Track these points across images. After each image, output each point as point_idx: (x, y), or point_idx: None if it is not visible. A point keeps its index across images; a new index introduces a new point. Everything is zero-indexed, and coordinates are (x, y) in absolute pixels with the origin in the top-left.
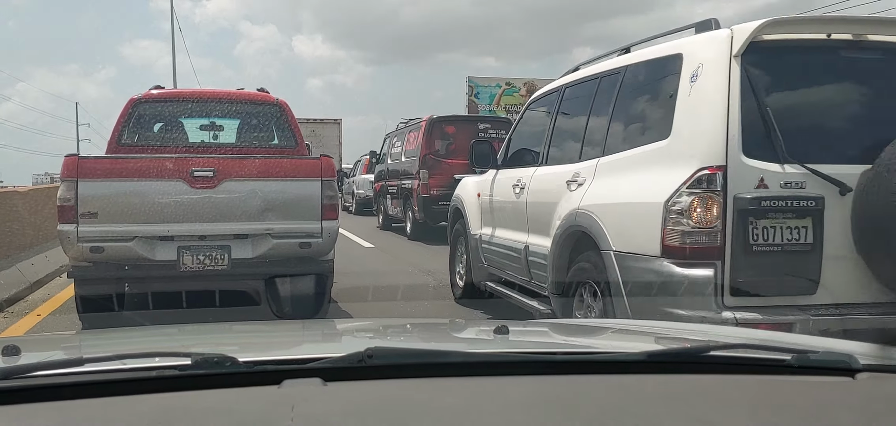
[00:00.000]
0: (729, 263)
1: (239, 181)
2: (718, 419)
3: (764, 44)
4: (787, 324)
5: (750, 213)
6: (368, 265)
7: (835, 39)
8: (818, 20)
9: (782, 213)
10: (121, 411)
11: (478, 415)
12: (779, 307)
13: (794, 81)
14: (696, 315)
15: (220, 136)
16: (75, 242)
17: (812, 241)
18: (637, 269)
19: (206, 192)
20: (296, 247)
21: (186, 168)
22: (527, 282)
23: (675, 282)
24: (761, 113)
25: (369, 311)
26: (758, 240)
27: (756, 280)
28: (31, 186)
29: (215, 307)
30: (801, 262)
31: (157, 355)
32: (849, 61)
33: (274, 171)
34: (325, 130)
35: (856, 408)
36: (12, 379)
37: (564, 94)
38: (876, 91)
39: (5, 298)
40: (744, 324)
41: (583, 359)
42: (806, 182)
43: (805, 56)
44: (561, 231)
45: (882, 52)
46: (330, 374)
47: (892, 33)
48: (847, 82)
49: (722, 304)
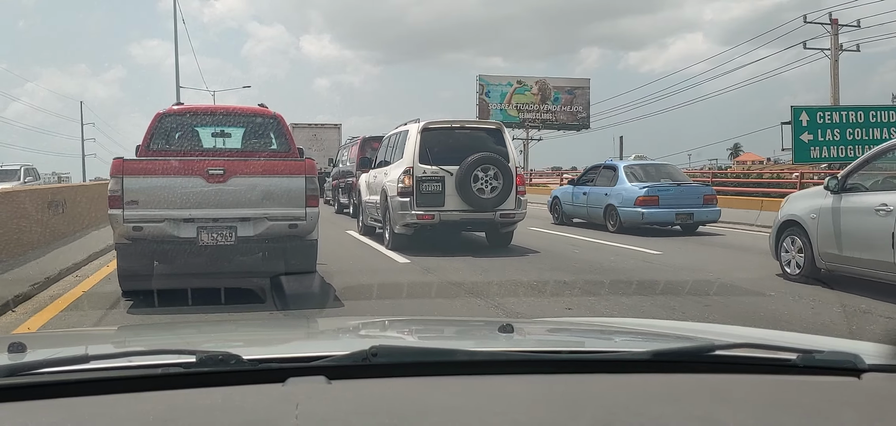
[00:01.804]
0: (415, 198)
1: (243, 177)
2: (723, 418)
3: (427, 127)
4: (432, 213)
5: (421, 181)
6: (323, 230)
7: (452, 126)
8: (446, 121)
9: (431, 180)
10: (126, 408)
11: (482, 413)
12: (430, 208)
13: (436, 139)
14: (406, 213)
15: (227, 142)
16: (122, 223)
17: (441, 190)
18: (393, 199)
19: (218, 186)
20: (286, 228)
21: (203, 167)
22: (378, 220)
23: (403, 202)
24: (425, 149)
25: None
26: (424, 189)
27: (425, 202)
28: (41, 185)
29: (224, 275)
30: (438, 197)
31: (162, 353)
32: (456, 132)
33: (270, 170)
34: (326, 134)
35: (861, 407)
36: (19, 375)
37: (385, 139)
38: (464, 141)
39: (14, 296)
40: (420, 217)
41: (588, 358)
42: (439, 171)
43: (439, 131)
44: (381, 193)
45: (469, 129)
46: (334, 372)
47: (474, 124)
48: (453, 139)
49: (414, 206)
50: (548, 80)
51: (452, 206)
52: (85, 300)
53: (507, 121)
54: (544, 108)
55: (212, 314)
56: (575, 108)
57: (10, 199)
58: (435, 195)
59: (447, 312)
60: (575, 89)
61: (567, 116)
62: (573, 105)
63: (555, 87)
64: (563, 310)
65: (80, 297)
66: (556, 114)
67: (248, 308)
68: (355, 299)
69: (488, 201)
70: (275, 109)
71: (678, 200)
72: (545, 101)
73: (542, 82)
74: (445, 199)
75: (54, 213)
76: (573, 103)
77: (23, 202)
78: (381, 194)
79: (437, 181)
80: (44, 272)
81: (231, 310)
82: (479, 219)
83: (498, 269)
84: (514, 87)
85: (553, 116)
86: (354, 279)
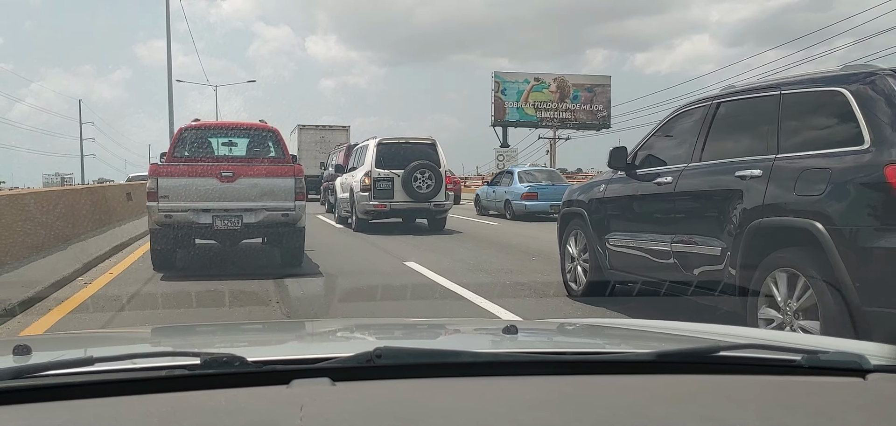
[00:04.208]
0: (373, 193)
1: (248, 178)
2: (728, 420)
3: (382, 142)
4: (384, 203)
5: (377, 180)
6: (313, 222)
7: (400, 142)
8: (395, 138)
9: (383, 180)
10: (130, 411)
11: (487, 415)
12: (383, 199)
13: (388, 150)
14: (366, 203)
15: (234, 151)
16: (157, 212)
17: (392, 187)
18: (357, 193)
19: (228, 184)
20: (280, 217)
21: (217, 170)
22: (348, 211)
23: (364, 195)
24: (380, 157)
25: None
26: (378, 187)
27: (379, 195)
28: (42, 187)
29: (231, 249)
30: (389, 192)
31: (166, 355)
32: (402, 145)
33: (268, 172)
34: (334, 135)
35: (867, 408)
36: (23, 378)
37: (354, 149)
38: (408, 152)
39: (21, 300)
40: (375, 206)
41: (592, 359)
42: (389, 173)
43: (391, 145)
44: (349, 191)
45: (412, 143)
46: (339, 374)
47: (416, 139)
48: (400, 150)
49: (371, 198)
50: (566, 77)
51: (399, 199)
52: (90, 303)
53: (524, 119)
54: (563, 106)
55: (216, 315)
56: (595, 107)
57: (14, 203)
58: (387, 190)
59: (367, 261)
60: (595, 87)
61: (586, 115)
62: (593, 103)
63: (574, 85)
64: (459, 263)
65: (88, 299)
66: (575, 112)
67: (252, 309)
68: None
69: (424, 195)
70: (280, 110)
71: (553, 195)
72: (564, 99)
73: (561, 79)
74: (394, 193)
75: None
76: (593, 102)
77: (27, 204)
78: (349, 191)
79: (389, 181)
80: (56, 273)
81: (236, 312)
82: (419, 208)
83: (408, 239)
84: (532, 84)
85: (572, 115)
86: (334, 250)
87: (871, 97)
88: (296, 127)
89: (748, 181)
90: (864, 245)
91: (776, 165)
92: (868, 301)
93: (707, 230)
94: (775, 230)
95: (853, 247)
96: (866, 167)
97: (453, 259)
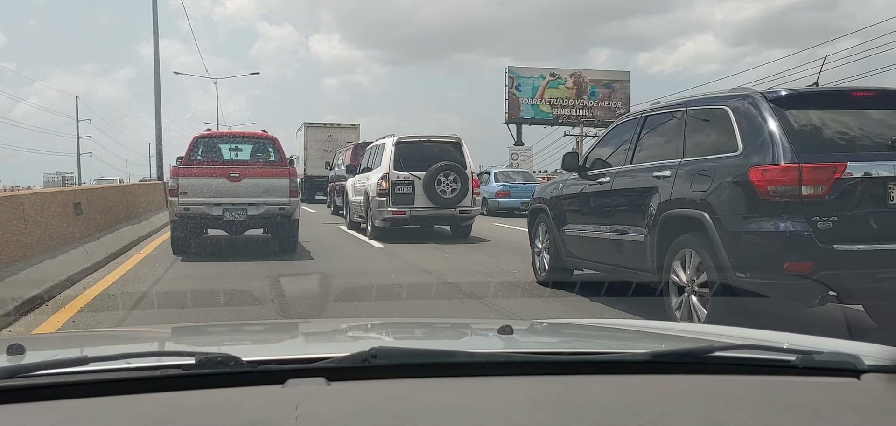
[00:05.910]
0: (391, 197)
1: (251, 178)
2: (723, 419)
3: (400, 141)
4: (404, 210)
5: (395, 184)
6: (318, 226)
7: (420, 140)
8: (415, 136)
9: (402, 184)
10: (125, 410)
11: (482, 415)
12: (403, 205)
13: (407, 150)
14: (383, 209)
15: (239, 155)
16: (177, 206)
17: (412, 191)
18: (373, 199)
19: (235, 183)
20: (277, 210)
21: (227, 171)
22: (362, 216)
23: (381, 201)
24: (398, 158)
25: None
26: (397, 191)
27: (397, 200)
28: (41, 188)
29: (237, 237)
30: (409, 196)
31: (161, 354)
32: (423, 144)
33: (268, 173)
34: (343, 134)
35: (861, 409)
36: (17, 377)
37: (368, 149)
38: (430, 152)
39: (21, 302)
40: (394, 213)
41: (587, 359)
42: (410, 176)
43: (410, 144)
44: (364, 195)
45: (434, 142)
46: (334, 374)
47: (439, 138)
48: (421, 150)
49: (389, 204)
50: (584, 72)
51: (421, 204)
52: (87, 306)
53: (540, 117)
54: (580, 103)
55: (212, 315)
56: (613, 104)
57: (8, 204)
58: (406, 195)
59: (391, 267)
60: (613, 82)
61: (604, 112)
62: (611, 100)
63: (591, 81)
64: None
65: (92, 300)
66: (592, 109)
67: (248, 308)
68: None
69: (449, 200)
70: (283, 109)
71: (523, 193)
72: (581, 95)
73: (578, 75)
74: (415, 199)
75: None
76: (611, 98)
77: (21, 204)
78: (364, 195)
79: (408, 184)
80: (53, 276)
81: (232, 311)
82: (442, 214)
83: (430, 249)
84: (547, 80)
85: (589, 112)
86: (346, 259)
87: (745, 113)
88: (302, 125)
89: (661, 180)
90: (734, 229)
91: (681, 167)
92: (739, 270)
93: (634, 221)
94: (679, 219)
95: (728, 231)
96: (737, 169)
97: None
